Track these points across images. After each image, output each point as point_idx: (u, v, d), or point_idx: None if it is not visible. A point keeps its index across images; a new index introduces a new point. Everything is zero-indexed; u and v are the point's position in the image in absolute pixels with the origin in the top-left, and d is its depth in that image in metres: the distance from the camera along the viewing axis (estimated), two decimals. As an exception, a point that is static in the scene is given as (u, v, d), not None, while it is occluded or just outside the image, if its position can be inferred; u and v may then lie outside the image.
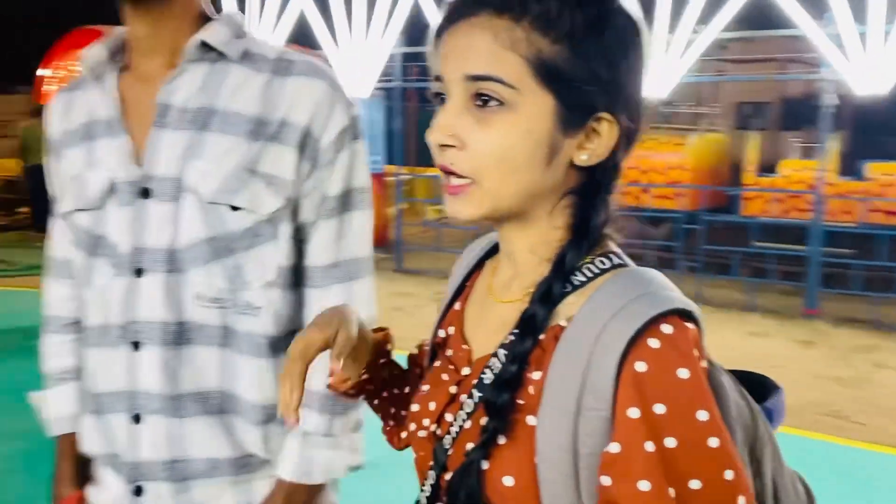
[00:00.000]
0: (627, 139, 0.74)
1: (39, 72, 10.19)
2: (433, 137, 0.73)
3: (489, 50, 0.70)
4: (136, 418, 1.13)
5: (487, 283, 0.84)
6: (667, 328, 0.66)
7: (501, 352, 0.74)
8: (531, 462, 0.69)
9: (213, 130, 1.09)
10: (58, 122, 1.22)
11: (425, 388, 0.85)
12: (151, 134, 1.11)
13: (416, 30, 7.42)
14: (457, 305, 0.88)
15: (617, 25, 0.72)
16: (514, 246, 0.78)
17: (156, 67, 1.13)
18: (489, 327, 0.79)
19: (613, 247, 0.77)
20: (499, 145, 0.71)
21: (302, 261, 1.16)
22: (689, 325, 0.68)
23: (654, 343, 0.65)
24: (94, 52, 1.16)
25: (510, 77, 0.70)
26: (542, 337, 0.72)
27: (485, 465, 0.72)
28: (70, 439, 1.26)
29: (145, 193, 1.10)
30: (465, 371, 0.80)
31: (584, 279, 0.73)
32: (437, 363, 0.86)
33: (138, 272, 1.11)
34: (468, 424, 0.76)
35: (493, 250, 0.87)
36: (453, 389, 0.80)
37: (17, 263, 8.31)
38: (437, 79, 0.75)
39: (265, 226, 1.10)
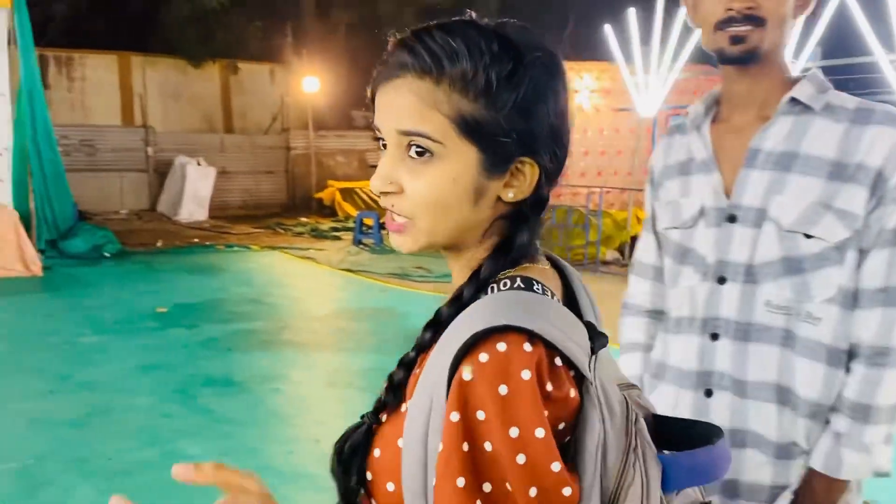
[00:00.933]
0: (551, 176, 0.82)
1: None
2: (374, 185, 0.82)
3: (415, 109, 0.78)
4: (708, 393, 1.42)
5: None
6: (501, 346, 0.72)
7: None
8: (397, 444, 0.78)
9: (794, 171, 1.33)
10: (660, 160, 1.57)
11: None
12: (741, 173, 1.39)
13: (831, 43, 6.88)
14: None
15: (533, 76, 0.78)
16: (452, 267, 0.88)
17: (748, 119, 1.41)
18: None
19: (533, 273, 0.82)
20: (430, 192, 0.80)
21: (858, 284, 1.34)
22: (529, 347, 0.72)
23: (483, 357, 0.72)
24: (696, 108, 1.50)
25: (435, 133, 0.78)
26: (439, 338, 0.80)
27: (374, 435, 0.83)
28: None
29: (732, 219, 1.39)
30: None
31: (486, 294, 0.80)
32: None
33: (721, 280, 1.40)
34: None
35: None
36: None
37: (434, 271, 9.47)
38: (377, 127, 0.83)
39: (833, 251, 1.32)
